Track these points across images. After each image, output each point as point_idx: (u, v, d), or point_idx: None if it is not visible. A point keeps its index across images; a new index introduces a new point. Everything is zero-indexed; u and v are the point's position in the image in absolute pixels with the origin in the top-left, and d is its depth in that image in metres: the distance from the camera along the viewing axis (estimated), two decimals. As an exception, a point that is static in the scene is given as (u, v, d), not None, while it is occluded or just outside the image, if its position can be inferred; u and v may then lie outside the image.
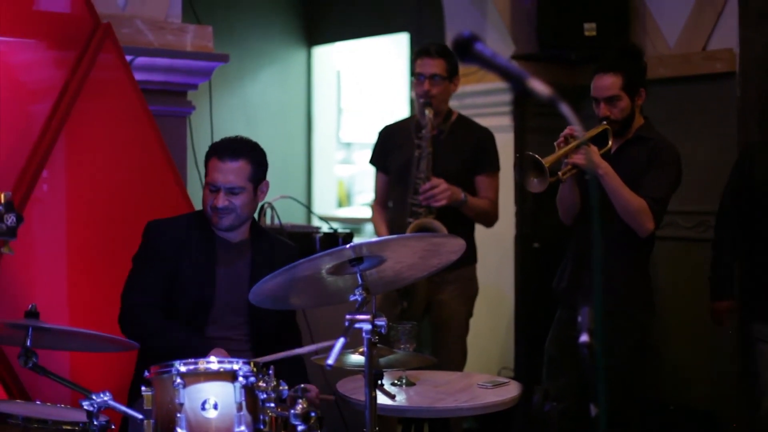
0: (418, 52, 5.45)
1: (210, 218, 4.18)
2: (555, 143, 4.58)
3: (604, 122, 4.70)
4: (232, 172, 4.13)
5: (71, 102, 4.64)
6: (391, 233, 5.42)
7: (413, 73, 5.46)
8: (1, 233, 3.17)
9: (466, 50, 2.10)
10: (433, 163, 5.26)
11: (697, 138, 5.98)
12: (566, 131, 4.58)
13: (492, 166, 5.47)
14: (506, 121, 6.73)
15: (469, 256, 5.43)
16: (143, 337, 3.98)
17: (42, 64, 4.68)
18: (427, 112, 5.30)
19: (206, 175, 4.18)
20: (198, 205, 4.65)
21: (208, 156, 4.21)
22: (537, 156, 4.44)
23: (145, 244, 4.24)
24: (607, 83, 4.69)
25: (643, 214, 4.61)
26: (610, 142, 4.71)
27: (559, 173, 4.61)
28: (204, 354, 3.93)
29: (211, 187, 4.15)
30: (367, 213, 5.80)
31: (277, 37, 8.99)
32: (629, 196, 4.59)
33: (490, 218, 5.49)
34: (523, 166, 4.51)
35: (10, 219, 3.18)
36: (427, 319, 5.47)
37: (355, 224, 8.64)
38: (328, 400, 4.14)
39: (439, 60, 5.34)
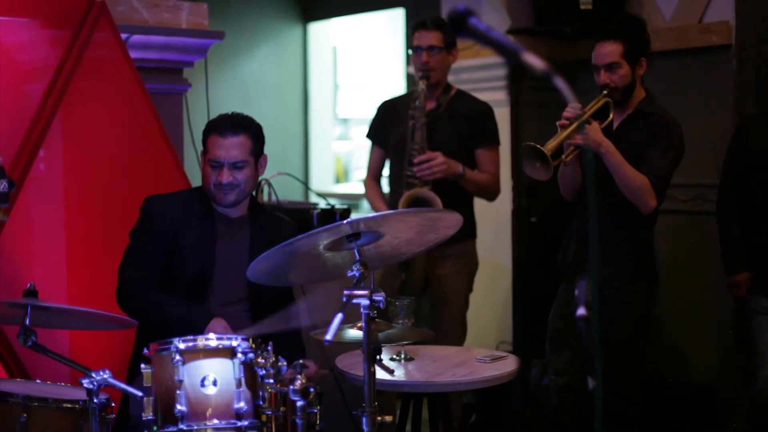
0: (414, 26, 5.46)
1: (213, 195, 4.19)
2: (558, 123, 4.57)
3: (605, 92, 4.69)
4: (235, 146, 4.14)
5: (67, 81, 4.63)
6: (389, 207, 5.42)
7: (411, 47, 5.46)
8: None
9: (461, 25, 2.10)
10: (431, 138, 5.26)
11: (694, 111, 5.97)
12: (566, 113, 4.56)
13: (492, 140, 5.47)
14: (502, 95, 6.71)
15: (469, 230, 5.44)
16: (141, 311, 4.00)
17: (37, 43, 4.67)
18: (420, 83, 5.30)
19: (206, 152, 4.18)
20: (195, 182, 4.65)
21: (207, 133, 4.21)
22: (537, 145, 4.43)
23: (143, 218, 4.24)
24: (608, 50, 4.69)
25: (645, 191, 4.61)
26: (611, 115, 4.70)
27: (563, 156, 4.60)
28: (203, 325, 3.95)
29: (213, 164, 4.15)
30: (364, 189, 5.79)
31: (273, 13, 8.96)
32: (631, 174, 4.59)
33: (490, 192, 5.49)
34: (524, 155, 4.50)
35: (2, 185, 3.18)
36: (427, 294, 5.48)
37: (353, 200, 8.64)
38: (323, 374, 4.15)
39: (435, 32, 5.35)
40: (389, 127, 5.53)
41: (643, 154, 4.66)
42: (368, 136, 5.71)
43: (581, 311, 2.61)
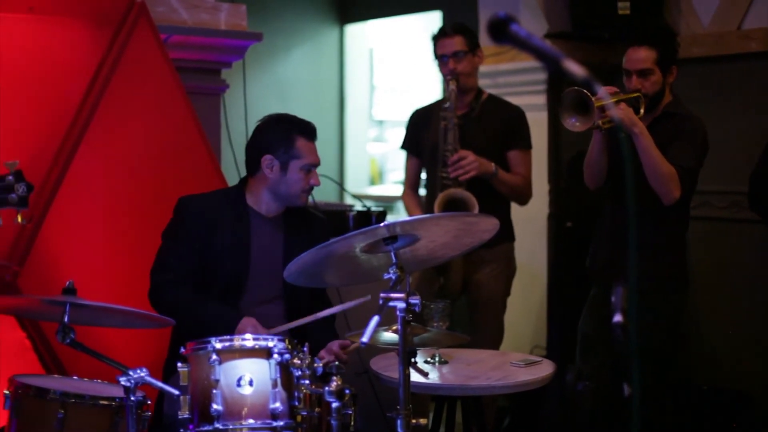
0: (434, 36, 5.45)
1: (298, 198, 4.26)
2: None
3: (635, 93, 4.69)
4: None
5: (106, 80, 4.67)
6: (425, 212, 5.43)
7: (435, 57, 5.46)
8: (12, 203, 3.18)
9: (502, 31, 2.10)
10: (464, 141, 5.26)
11: (731, 118, 5.95)
12: (607, 88, 4.53)
13: (523, 142, 5.46)
14: (540, 99, 6.70)
15: (506, 234, 5.44)
16: (173, 312, 4.01)
17: (77, 43, 4.71)
18: (450, 84, 5.30)
19: (293, 157, 4.21)
20: (232, 182, 4.67)
21: (293, 138, 4.23)
22: (586, 91, 4.37)
23: (176, 219, 4.26)
24: (641, 56, 4.68)
25: (671, 180, 4.59)
26: (641, 111, 4.69)
27: (599, 121, 4.57)
28: (234, 325, 3.97)
29: (308, 168, 4.23)
30: (400, 191, 5.79)
31: (310, 15, 8.98)
32: (660, 160, 4.56)
33: (522, 195, 5.47)
34: (563, 102, 4.48)
35: (21, 188, 3.19)
36: (464, 297, 5.48)
37: (388, 202, 8.65)
38: (354, 349, 4.15)
39: (457, 37, 5.36)
40: (422, 133, 5.54)
41: (668, 150, 4.64)
42: (402, 146, 5.71)
43: (617, 318, 2.60)
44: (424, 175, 5.66)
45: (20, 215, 3.24)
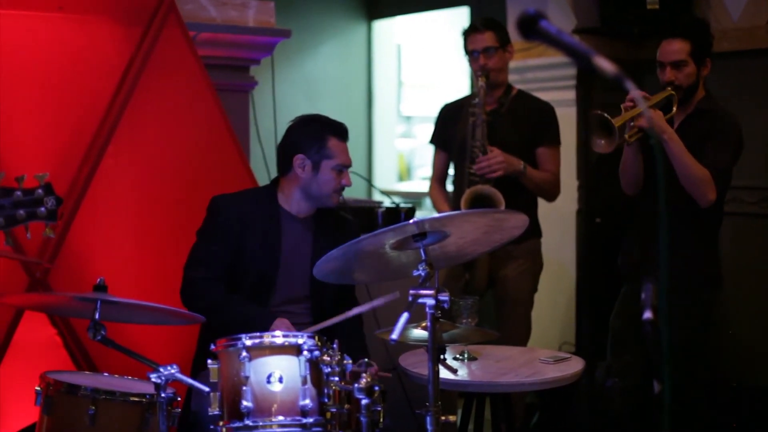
0: (465, 32, 5.44)
1: (329, 198, 4.27)
2: (622, 105, 4.54)
3: (669, 87, 4.67)
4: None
5: (136, 78, 4.69)
6: (453, 208, 5.42)
7: (466, 52, 5.45)
8: (41, 216, 3.19)
9: (532, 28, 2.10)
10: (493, 137, 5.25)
11: (761, 113, 5.91)
12: (631, 95, 4.54)
13: (552, 139, 5.44)
14: (569, 95, 6.68)
15: (533, 230, 5.42)
16: (205, 310, 4.02)
17: (107, 41, 4.73)
18: (480, 80, 5.29)
19: (328, 157, 4.23)
20: (261, 180, 4.69)
21: (326, 138, 4.24)
22: (606, 115, 4.40)
23: (210, 218, 4.28)
24: (676, 47, 4.67)
25: (705, 183, 4.57)
26: (674, 109, 4.68)
27: (626, 135, 4.57)
28: (267, 326, 3.99)
29: (340, 168, 4.25)
30: (428, 186, 5.78)
31: (338, 11, 8.99)
32: (693, 164, 4.55)
33: (551, 191, 5.46)
34: (590, 125, 4.50)
35: (50, 202, 3.20)
36: (491, 293, 5.47)
37: (416, 198, 8.63)
38: (385, 377, 4.17)
39: (487, 32, 5.34)
40: (451, 128, 5.52)
41: (702, 150, 4.63)
42: (431, 141, 5.70)
43: (648, 314, 2.60)
44: (451, 171, 5.65)
45: (48, 228, 3.25)
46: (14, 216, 3.14)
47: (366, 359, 3.45)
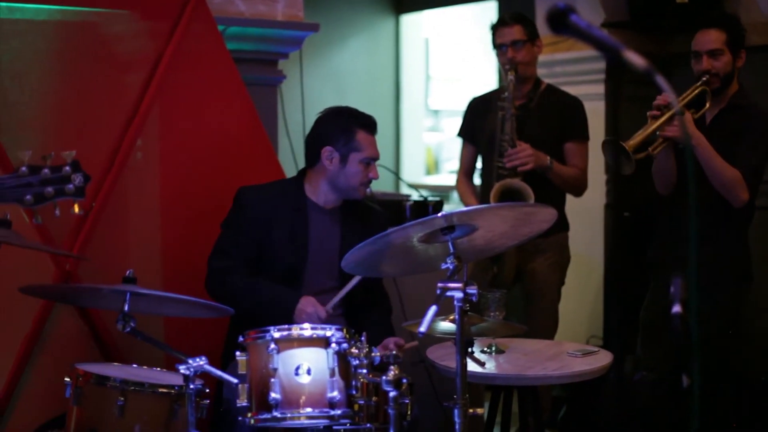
0: (494, 25, 5.43)
1: (356, 190, 4.29)
2: (648, 114, 4.54)
3: (703, 79, 4.66)
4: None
5: (165, 72, 4.70)
6: (481, 201, 5.42)
7: (494, 46, 5.44)
8: (69, 193, 3.20)
9: (561, 22, 2.09)
10: (522, 132, 5.24)
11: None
12: (659, 100, 4.54)
13: (580, 134, 5.43)
14: (598, 89, 6.66)
15: (561, 223, 5.41)
16: (230, 298, 4.05)
17: (136, 35, 4.74)
18: (509, 75, 5.29)
19: (356, 150, 4.25)
20: (289, 173, 4.70)
21: (354, 130, 4.27)
22: (620, 142, 4.41)
23: (236, 209, 4.30)
24: (712, 37, 4.68)
25: (737, 184, 4.57)
26: (707, 104, 4.67)
27: (650, 148, 4.58)
28: (293, 304, 4.00)
29: (368, 161, 4.27)
30: (455, 180, 5.78)
31: (366, 5, 9.00)
32: (723, 167, 4.55)
33: (578, 186, 5.44)
34: (606, 151, 4.54)
35: (78, 179, 3.20)
36: (518, 287, 5.47)
37: (444, 191, 8.64)
38: (412, 346, 4.17)
39: (516, 26, 5.33)
40: (479, 122, 5.52)
41: (736, 147, 4.62)
42: (459, 134, 5.70)
43: (676, 309, 2.59)
44: (479, 165, 5.65)
45: (77, 205, 3.25)
46: (42, 193, 3.14)
47: (393, 352, 3.45)
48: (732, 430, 5.45)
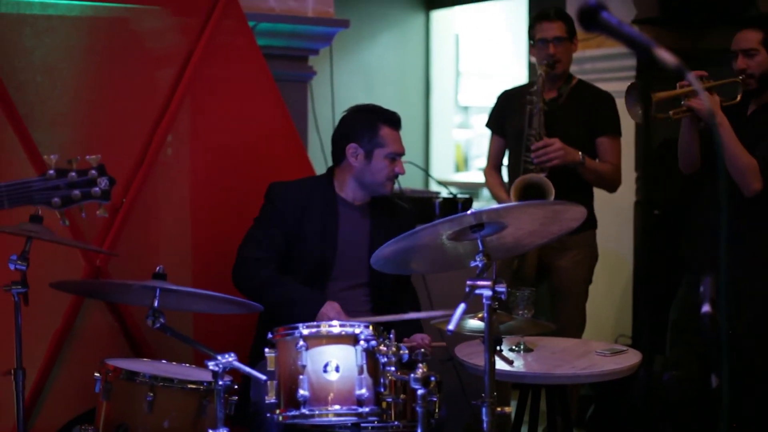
0: (536, 18, 5.41)
1: (382, 186, 4.32)
2: (678, 83, 4.53)
3: (741, 77, 4.66)
4: None
5: (196, 68, 4.72)
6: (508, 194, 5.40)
7: (533, 39, 5.42)
8: (95, 196, 3.25)
9: (593, 19, 2.08)
10: (553, 126, 5.22)
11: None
12: (686, 76, 4.51)
13: (613, 129, 5.40)
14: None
15: (589, 221, 5.39)
16: (255, 289, 4.08)
17: (167, 31, 4.76)
18: (540, 69, 5.27)
19: (380, 145, 4.28)
20: (319, 169, 4.71)
21: (377, 126, 4.29)
22: (648, 90, 4.38)
23: (267, 204, 4.32)
24: (748, 36, 4.70)
25: (750, 172, 4.55)
26: (738, 97, 4.66)
27: (671, 112, 4.56)
28: (316, 309, 4.02)
29: (393, 156, 4.29)
30: (483, 174, 5.77)
31: (396, 1, 8.99)
32: (740, 153, 4.53)
33: (611, 182, 5.41)
34: (630, 94, 4.52)
35: (104, 182, 3.24)
36: (545, 284, 5.45)
37: (473, 189, 8.63)
38: (440, 346, 4.18)
39: (559, 22, 5.31)
40: (508, 115, 5.50)
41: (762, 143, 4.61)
42: (488, 125, 5.69)
43: (706, 308, 2.58)
44: (506, 160, 5.63)
45: (102, 208, 3.30)
46: (69, 196, 3.21)
47: (422, 350, 3.45)
48: (732, 431, 5.43)
